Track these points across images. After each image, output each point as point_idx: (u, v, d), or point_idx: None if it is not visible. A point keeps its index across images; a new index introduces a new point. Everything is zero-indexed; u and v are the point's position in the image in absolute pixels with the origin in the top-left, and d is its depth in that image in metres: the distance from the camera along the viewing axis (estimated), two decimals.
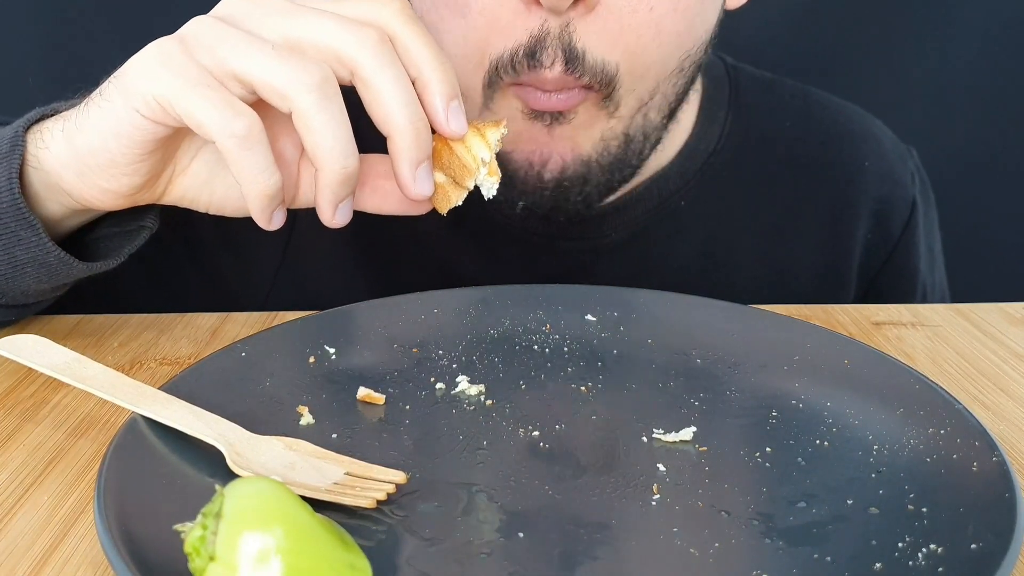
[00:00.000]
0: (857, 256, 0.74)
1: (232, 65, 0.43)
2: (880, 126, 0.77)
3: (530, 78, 0.55)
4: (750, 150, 0.71)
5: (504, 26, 0.55)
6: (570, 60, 0.54)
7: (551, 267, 0.69)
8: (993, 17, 0.95)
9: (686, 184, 0.70)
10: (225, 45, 0.43)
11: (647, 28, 0.55)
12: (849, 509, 0.40)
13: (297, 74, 0.43)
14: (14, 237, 0.51)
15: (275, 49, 0.43)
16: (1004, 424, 0.49)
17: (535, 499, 0.40)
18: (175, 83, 0.43)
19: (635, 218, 0.69)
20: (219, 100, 0.43)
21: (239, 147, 0.44)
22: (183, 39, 0.45)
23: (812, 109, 0.75)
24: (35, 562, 0.38)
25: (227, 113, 0.43)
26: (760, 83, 0.74)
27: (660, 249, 0.70)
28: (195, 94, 0.43)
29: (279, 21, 0.44)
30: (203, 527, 0.32)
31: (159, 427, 0.42)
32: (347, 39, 0.44)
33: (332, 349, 0.52)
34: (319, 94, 0.43)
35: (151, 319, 0.62)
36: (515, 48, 0.55)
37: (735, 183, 0.71)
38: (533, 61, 0.54)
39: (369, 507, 0.39)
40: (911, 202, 0.75)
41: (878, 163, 0.74)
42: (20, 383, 0.53)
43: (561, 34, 0.54)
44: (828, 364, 0.50)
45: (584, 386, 0.50)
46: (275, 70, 0.43)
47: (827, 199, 0.73)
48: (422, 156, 0.47)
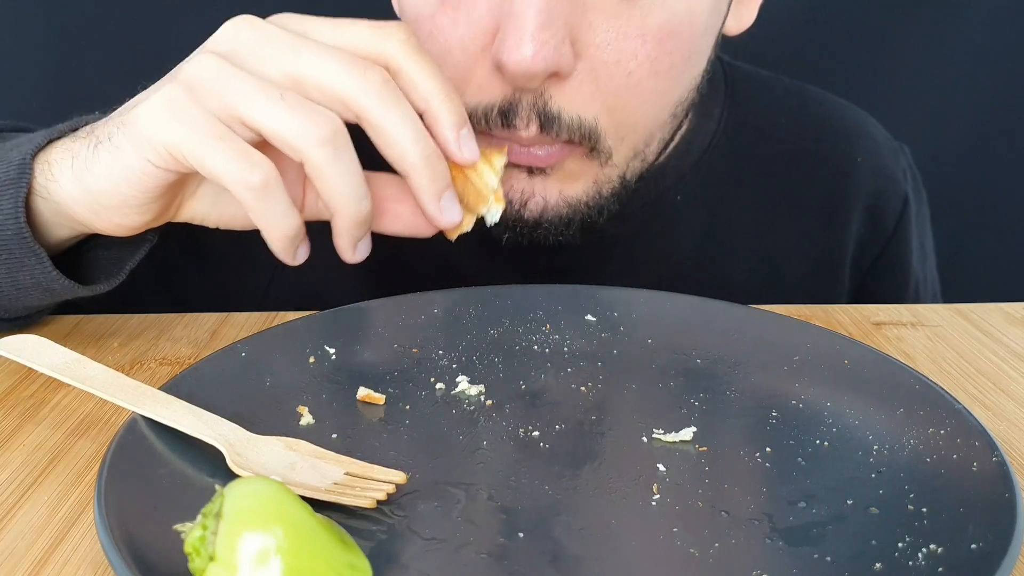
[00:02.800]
0: (850, 250, 0.74)
1: (241, 112, 0.43)
2: (874, 123, 0.77)
3: (505, 135, 0.54)
4: (745, 145, 0.71)
5: (479, 84, 0.54)
6: (545, 122, 0.53)
7: (549, 263, 0.69)
8: (992, 16, 0.95)
9: (682, 179, 0.70)
10: (232, 90, 0.43)
11: (626, 90, 0.54)
12: (849, 509, 0.40)
13: (308, 128, 0.43)
14: (18, 263, 0.51)
15: (283, 97, 0.43)
16: (1004, 424, 0.49)
17: (535, 499, 0.40)
18: (186, 134, 0.43)
19: (632, 213, 0.69)
20: (232, 152, 0.43)
21: (257, 198, 0.44)
22: (189, 85, 0.44)
23: (807, 105, 0.75)
24: (35, 562, 0.38)
25: (243, 164, 0.43)
26: (756, 80, 0.75)
27: (657, 243, 0.70)
28: (208, 146, 0.43)
29: (283, 59, 0.44)
30: (203, 527, 0.32)
31: (159, 427, 0.42)
32: (351, 84, 0.43)
33: (332, 349, 0.52)
34: (331, 147, 0.43)
35: (151, 319, 0.62)
36: (489, 106, 0.54)
37: (730, 178, 0.71)
38: (506, 121, 0.54)
39: (369, 507, 0.39)
40: (904, 198, 0.75)
41: (872, 159, 0.74)
42: (20, 383, 0.53)
43: (535, 101, 0.53)
44: (828, 364, 0.50)
45: (584, 386, 0.50)
46: (286, 122, 0.43)
47: (821, 193, 0.73)
48: (443, 187, 0.47)
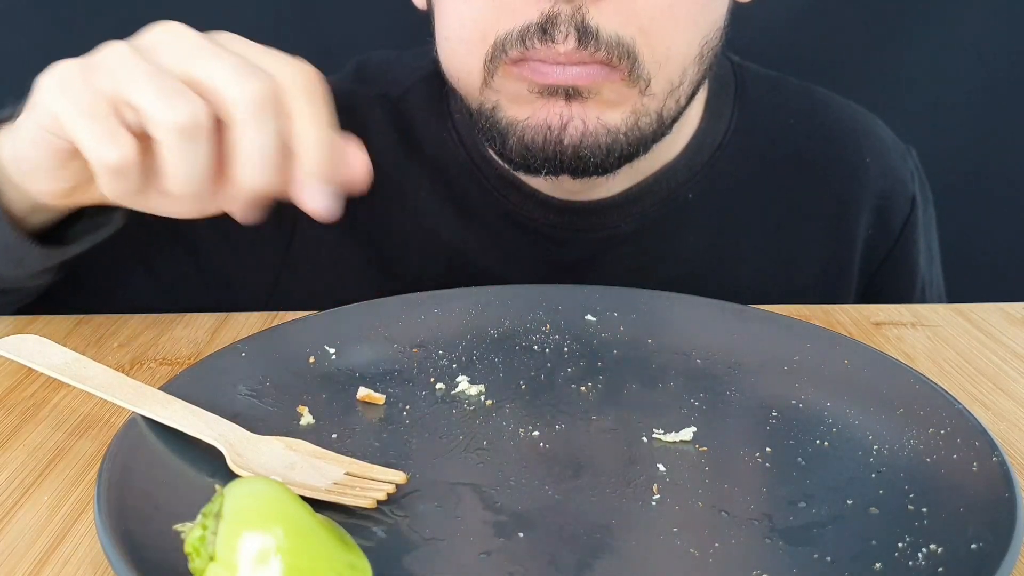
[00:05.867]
0: (859, 251, 0.74)
1: (123, 93, 0.44)
2: (881, 125, 0.78)
3: (542, 53, 0.55)
4: (755, 145, 0.72)
5: (514, 7, 0.55)
6: (583, 36, 0.54)
7: (560, 257, 0.69)
8: (995, 16, 0.95)
9: (693, 177, 0.70)
10: (121, 73, 0.44)
11: (660, 10, 0.55)
12: (849, 509, 0.40)
13: (166, 111, 0.43)
14: None
15: (163, 82, 0.43)
16: (1004, 424, 0.49)
17: (535, 499, 0.40)
18: (65, 105, 0.44)
19: (643, 210, 0.69)
20: (99, 129, 0.44)
21: (111, 177, 0.44)
22: (90, 63, 0.45)
23: (816, 106, 0.75)
24: (35, 562, 0.38)
25: (103, 142, 0.44)
26: (766, 81, 0.75)
27: (668, 241, 0.71)
28: (79, 120, 0.44)
29: (187, 57, 0.44)
30: (203, 527, 0.32)
31: (159, 427, 0.42)
32: (234, 83, 0.43)
33: (332, 349, 0.52)
34: (183, 135, 0.43)
35: (151, 319, 0.62)
36: (525, 26, 0.55)
37: (741, 177, 0.71)
38: (545, 36, 0.54)
39: (369, 507, 0.39)
40: (911, 199, 0.76)
41: (880, 160, 0.75)
42: (20, 383, 0.53)
43: (574, 15, 0.54)
44: (828, 364, 0.50)
45: (584, 386, 0.50)
46: (151, 102, 0.43)
47: (831, 194, 0.73)
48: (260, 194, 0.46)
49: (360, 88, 0.73)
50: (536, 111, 0.58)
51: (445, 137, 0.71)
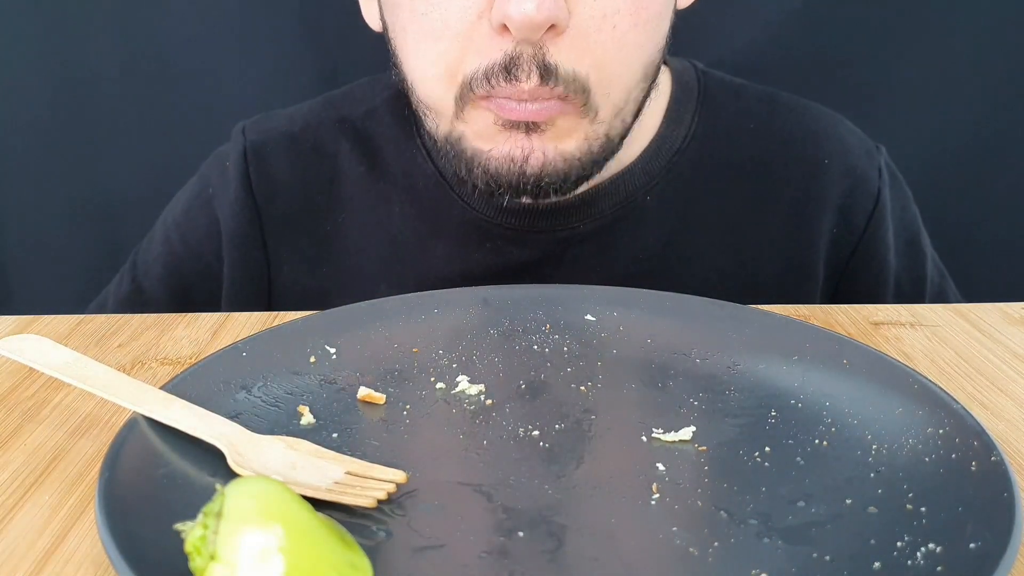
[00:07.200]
0: (823, 249, 0.76)
1: None
2: (847, 126, 0.78)
3: (506, 91, 0.58)
4: (715, 150, 0.74)
5: (479, 47, 0.58)
6: (545, 73, 0.58)
7: (521, 257, 0.72)
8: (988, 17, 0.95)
9: (651, 181, 0.72)
10: None
11: (611, 43, 0.59)
12: (848, 508, 0.40)
13: None
14: None
15: None
16: (1003, 424, 0.49)
17: (535, 499, 0.41)
18: None
19: (601, 211, 0.71)
20: None
21: None
22: None
23: (776, 110, 0.77)
24: (35, 562, 0.39)
25: None
26: (729, 88, 0.77)
27: (625, 240, 0.72)
28: None
29: None
30: (204, 526, 0.32)
31: (160, 427, 0.42)
32: None
33: (332, 349, 0.52)
34: None
35: (152, 319, 0.62)
36: (490, 65, 0.58)
37: (699, 181, 0.73)
38: (509, 76, 0.58)
39: (369, 507, 0.39)
40: (875, 196, 0.77)
41: (840, 160, 0.76)
42: (21, 383, 0.53)
43: (535, 54, 0.57)
44: (827, 364, 0.50)
45: (584, 386, 0.50)
46: None
47: (788, 195, 0.75)
48: None
49: (325, 112, 0.76)
50: (499, 144, 0.62)
51: (414, 153, 0.74)
